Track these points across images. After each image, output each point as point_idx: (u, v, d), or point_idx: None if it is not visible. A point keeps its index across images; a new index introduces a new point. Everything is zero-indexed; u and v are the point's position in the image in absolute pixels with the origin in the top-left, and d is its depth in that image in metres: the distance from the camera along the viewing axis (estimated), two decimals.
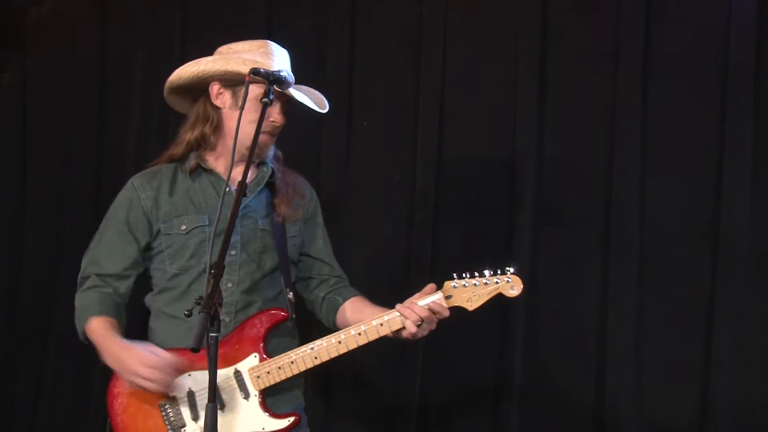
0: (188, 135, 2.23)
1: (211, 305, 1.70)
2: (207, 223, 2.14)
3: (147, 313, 2.30)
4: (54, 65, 3.47)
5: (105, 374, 3.22)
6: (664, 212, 2.86)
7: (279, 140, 2.29)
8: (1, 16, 3.49)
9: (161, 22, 3.37)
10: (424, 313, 2.06)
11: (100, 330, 2.10)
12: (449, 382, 3.05)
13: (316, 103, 2.28)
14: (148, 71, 3.36)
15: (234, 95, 2.16)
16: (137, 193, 2.21)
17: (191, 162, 2.22)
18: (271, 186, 2.27)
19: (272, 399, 2.13)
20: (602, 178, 2.91)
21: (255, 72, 1.95)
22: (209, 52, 2.23)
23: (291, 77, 2.06)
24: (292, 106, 2.21)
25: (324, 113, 2.32)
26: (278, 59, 2.21)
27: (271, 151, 2.26)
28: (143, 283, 2.32)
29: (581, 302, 2.93)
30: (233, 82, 2.14)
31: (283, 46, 2.27)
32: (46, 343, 3.46)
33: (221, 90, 2.17)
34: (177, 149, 2.24)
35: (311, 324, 2.42)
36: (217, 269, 1.75)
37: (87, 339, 2.14)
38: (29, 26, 3.48)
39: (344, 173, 3.12)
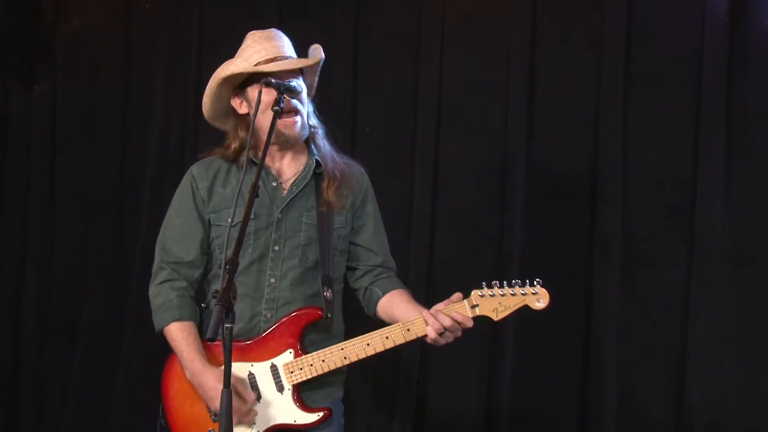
0: (233, 143, 2.24)
1: (226, 298, 1.74)
2: (253, 216, 2.12)
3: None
4: (82, 77, 3.55)
5: (129, 365, 3.39)
6: (644, 211, 2.94)
7: None
8: (33, 32, 3.57)
9: (180, 37, 3.46)
10: (448, 323, 2.04)
11: (179, 341, 2.13)
12: (445, 371, 3.11)
13: (312, 56, 2.21)
14: (168, 82, 3.46)
15: (247, 97, 2.17)
16: (196, 181, 2.23)
17: (244, 157, 2.19)
18: (319, 177, 2.23)
19: (309, 392, 2.16)
20: (587, 179, 3.00)
21: (267, 83, 2.00)
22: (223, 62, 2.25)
23: (299, 87, 2.10)
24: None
25: (321, 59, 2.21)
26: (271, 38, 2.20)
27: (301, 131, 2.18)
28: None
29: (568, 294, 2.92)
30: (239, 85, 2.16)
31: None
32: (73, 335, 3.54)
33: (240, 100, 2.20)
34: (227, 153, 2.25)
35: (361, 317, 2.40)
36: (232, 265, 1.80)
37: (163, 335, 2.18)
38: (59, 41, 3.56)
39: None
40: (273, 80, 2.01)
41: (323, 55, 2.21)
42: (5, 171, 3.63)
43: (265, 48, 2.16)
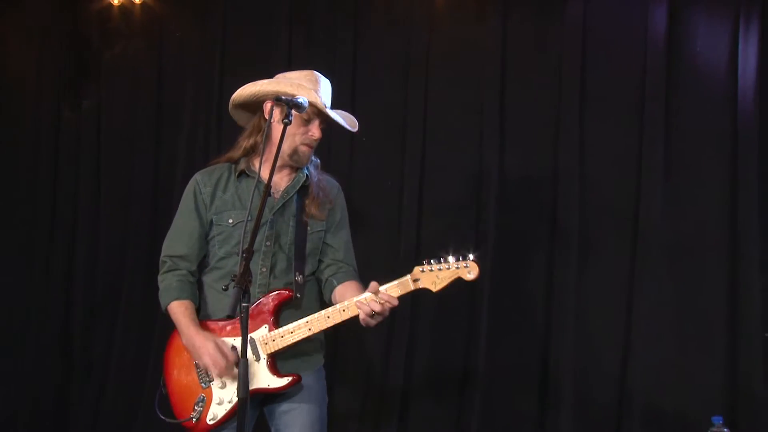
0: (245, 142, 2.43)
1: (243, 282, 1.96)
2: (250, 218, 2.23)
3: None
4: (122, 94, 3.84)
5: (161, 339, 3.45)
6: (596, 210, 3.29)
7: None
8: (82, 57, 3.87)
9: (205, 60, 3.74)
10: (377, 308, 2.22)
11: (178, 314, 2.38)
12: (430, 355, 3.42)
13: (348, 124, 2.46)
14: (195, 98, 3.76)
15: (282, 112, 2.28)
16: (199, 187, 2.43)
17: (240, 166, 2.42)
18: (305, 189, 2.44)
19: (294, 363, 2.35)
20: (549, 183, 3.32)
21: (278, 99, 2.19)
22: (242, 84, 2.45)
23: (306, 103, 2.23)
24: (329, 125, 2.42)
25: (354, 132, 2.47)
26: (323, 86, 2.41)
27: (310, 159, 2.45)
28: None
29: (533, 282, 3.34)
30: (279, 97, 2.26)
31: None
32: (115, 314, 3.80)
33: (272, 105, 2.33)
34: (235, 153, 2.45)
35: None
36: (248, 254, 2.02)
37: (168, 314, 2.43)
38: (104, 64, 3.86)
39: (348, 177, 3.42)
40: (283, 97, 2.19)
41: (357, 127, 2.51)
42: (58, 174, 3.92)
43: (325, 95, 2.42)
